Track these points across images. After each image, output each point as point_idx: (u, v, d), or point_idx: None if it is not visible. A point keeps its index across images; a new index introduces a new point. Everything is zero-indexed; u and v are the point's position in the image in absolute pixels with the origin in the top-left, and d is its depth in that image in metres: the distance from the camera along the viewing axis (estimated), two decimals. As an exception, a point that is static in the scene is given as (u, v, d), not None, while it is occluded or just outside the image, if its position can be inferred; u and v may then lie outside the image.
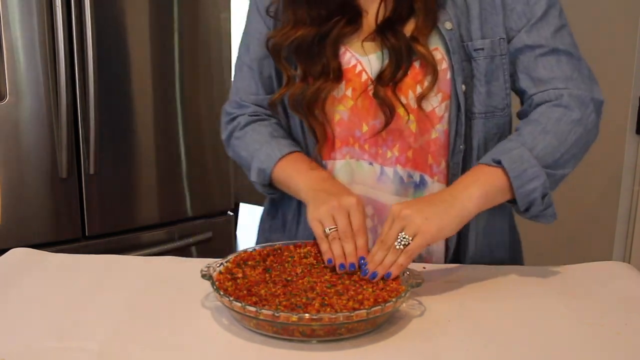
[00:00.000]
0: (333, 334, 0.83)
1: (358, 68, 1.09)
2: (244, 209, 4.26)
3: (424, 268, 1.07)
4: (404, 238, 0.93)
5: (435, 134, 1.09)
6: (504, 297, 0.99)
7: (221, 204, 2.26)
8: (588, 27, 1.85)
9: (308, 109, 1.10)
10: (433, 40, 1.07)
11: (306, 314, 0.81)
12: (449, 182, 1.10)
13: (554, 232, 1.06)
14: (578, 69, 1.07)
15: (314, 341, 0.83)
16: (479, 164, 1.03)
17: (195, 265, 0.98)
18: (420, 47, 1.05)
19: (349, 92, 1.10)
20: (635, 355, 0.83)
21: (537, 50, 1.06)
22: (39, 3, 1.77)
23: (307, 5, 1.09)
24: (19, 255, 1.14)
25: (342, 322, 0.81)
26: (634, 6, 2.21)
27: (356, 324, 0.83)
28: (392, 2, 1.08)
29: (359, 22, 1.11)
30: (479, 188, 0.98)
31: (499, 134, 1.11)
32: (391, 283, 0.93)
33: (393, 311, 0.87)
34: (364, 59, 1.09)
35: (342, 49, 1.10)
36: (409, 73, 1.06)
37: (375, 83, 1.07)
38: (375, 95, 1.07)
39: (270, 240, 1.13)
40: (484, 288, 1.01)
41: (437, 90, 1.07)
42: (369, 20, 1.10)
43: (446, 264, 1.14)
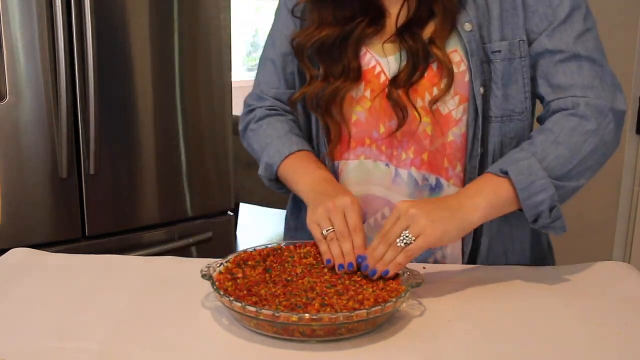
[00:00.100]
0: (333, 334, 0.83)
1: (377, 69, 1.09)
2: (244, 209, 4.26)
3: (424, 268, 1.07)
4: (407, 237, 0.93)
5: (452, 137, 1.08)
6: (504, 297, 0.99)
7: (221, 204, 2.26)
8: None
9: (326, 108, 1.11)
10: (452, 42, 1.05)
11: (306, 314, 0.81)
12: (465, 185, 1.08)
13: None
14: (600, 76, 1.03)
15: (314, 341, 0.83)
16: (487, 172, 1.02)
17: (195, 265, 0.98)
18: (436, 50, 1.04)
19: (367, 93, 1.10)
20: (635, 355, 0.83)
21: (557, 56, 1.04)
22: (39, 3, 1.76)
23: (333, 6, 1.09)
24: (19, 255, 1.14)
25: (342, 322, 0.81)
26: (634, 6, 2.21)
27: (356, 324, 0.83)
28: (414, 3, 1.07)
29: (381, 23, 1.10)
30: (484, 198, 0.97)
31: (517, 138, 1.08)
32: (391, 283, 0.93)
33: (393, 311, 0.87)
34: (383, 61, 1.09)
35: (363, 50, 1.10)
36: (426, 75, 1.06)
37: (389, 85, 1.07)
38: (389, 97, 1.06)
39: (296, 238, 1.12)
40: (484, 288, 1.01)
41: (454, 92, 1.06)
42: (392, 22, 1.10)
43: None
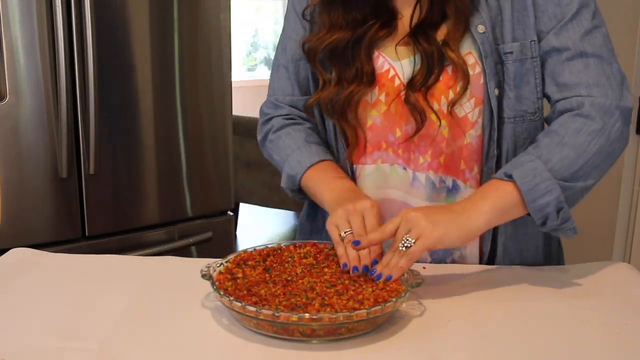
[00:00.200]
0: (333, 334, 0.83)
1: (391, 73, 1.09)
2: (244, 209, 4.27)
3: (424, 268, 1.07)
4: (407, 240, 0.93)
5: (468, 139, 1.08)
6: (504, 297, 0.99)
7: (221, 204, 2.26)
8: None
9: (341, 112, 1.10)
10: (466, 44, 1.05)
11: (306, 314, 0.81)
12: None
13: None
14: (607, 74, 1.02)
15: (314, 341, 0.83)
16: (492, 177, 1.01)
17: (195, 265, 0.98)
18: (451, 52, 1.04)
19: (382, 97, 1.09)
20: (635, 355, 0.82)
21: (564, 54, 1.03)
22: (39, 3, 1.77)
23: (343, 8, 1.09)
24: (19, 255, 1.14)
25: (342, 322, 0.81)
26: (634, 6, 2.21)
27: (356, 324, 0.83)
28: (427, 5, 1.06)
29: (393, 26, 1.10)
30: (488, 203, 0.96)
31: (530, 139, 1.07)
32: (391, 283, 0.93)
33: (393, 311, 0.87)
34: (396, 64, 1.08)
35: (375, 54, 1.10)
36: (441, 78, 1.05)
37: (406, 89, 1.06)
38: (407, 101, 1.06)
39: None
40: (484, 288, 1.01)
41: (470, 95, 1.06)
42: (404, 24, 1.09)
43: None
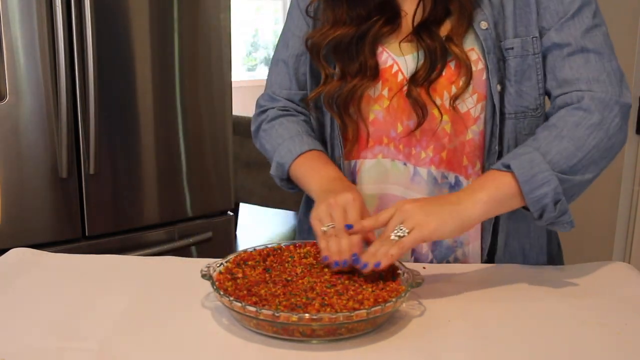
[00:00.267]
0: (333, 334, 0.83)
1: (394, 68, 1.09)
2: (244, 209, 4.27)
3: (424, 268, 1.07)
4: (401, 230, 0.93)
5: (470, 135, 1.09)
6: (504, 297, 0.99)
7: (221, 204, 2.26)
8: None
9: (344, 107, 1.11)
10: (469, 41, 1.06)
11: (306, 314, 0.81)
12: None
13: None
14: (607, 70, 1.03)
15: (314, 341, 0.83)
16: (490, 169, 1.01)
17: (195, 265, 0.98)
18: (454, 48, 1.04)
19: (385, 92, 1.10)
20: (635, 355, 0.82)
21: (565, 50, 1.04)
22: (39, 3, 1.77)
23: (347, 4, 1.09)
24: (19, 255, 1.14)
25: (342, 322, 0.81)
26: (634, 6, 2.21)
27: (356, 324, 0.83)
28: (430, 2, 1.07)
29: (397, 22, 1.10)
30: (485, 193, 0.96)
31: (532, 135, 1.07)
32: (391, 283, 0.93)
33: (393, 311, 0.87)
34: (400, 60, 1.09)
35: (379, 49, 1.10)
36: (444, 74, 1.06)
37: (409, 83, 1.07)
38: (409, 95, 1.06)
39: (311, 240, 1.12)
40: (484, 288, 1.01)
41: (472, 91, 1.06)
42: (408, 21, 1.10)
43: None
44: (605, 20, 1.06)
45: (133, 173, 2.03)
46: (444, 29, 1.07)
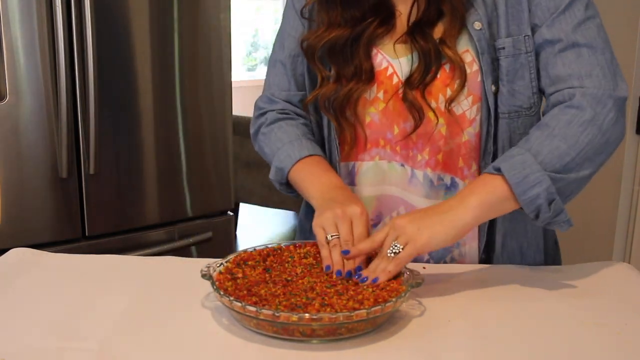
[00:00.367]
0: (333, 334, 0.83)
1: (389, 71, 1.09)
2: (244, 209, 4.27)
3: (424, 268, 1.07)
4: (395, 246, 0.93)
5: (466, 137, 1.08)
6: (504, 297, 0.99)
7: (221, 204, 2.26)
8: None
9: (340, 110, 1.10)
10: (463, 42, 1.05)
11: (306, 314, 0.81)
12: None
13: (554, 231, 1.05)
14: (600, 64, 1.01)
15: (314, 341, 0.83)
16: (482, 173, 1.01)
17: (195, 265, 0.98)
18: (448, 50, 1.04)
19: (380, 95, 1.10)
20: (635, 355, 0.82)
21: (556, 46, 1.03)
22: (39, 3, 1.77)
23: (341, 6, 1.09)
24: (19, 255, 1.14)
25: (342, 322, 0.81)
26: (634, 6, 2.21)
27: (356, 324, 0.83)
28: (424, 3, 1.07)
29: (392, 23, 1.10)
30: (476, 198, 0.96)
31: (526, 134, 1.06)
32: (391, 283, 0.92)
33: (393, 311, 0.87)
34: (395, 62, 1.09)
35: (374, 51, 1.10)
36: (439, 76, 1.06)
37: (404, 86, 1.06)
38: (405, 98, 1.06)
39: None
40: (484, 288, 1.01)
41: (467, 93, 1.06)
42: (402, 21, 1.09)
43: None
44: (605, 20, 1.06)
45: (133, 173, 2.03)
46: (438, 31, 1.06)
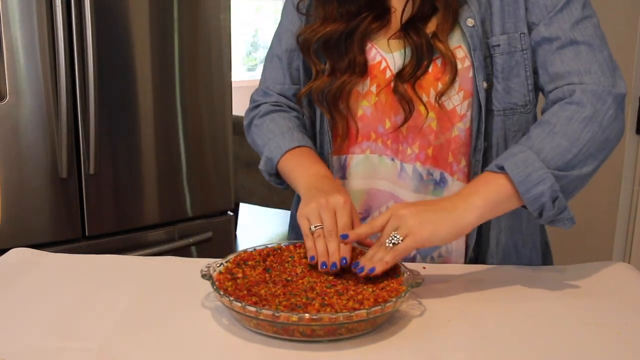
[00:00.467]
0: (333, 334, 0.83)
1: (383, 65, 1.10)
2: (244, 209, 4.27)
3: (424, 268, 1.07)
4: (395, 237, 0.93)
5: (456, 132, 1.09)
6: (504, 297, 0.99)
7: (221, 204, 2.26)
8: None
9: (333, 102, 1.12)
10: (456, 38, 1.06)
11: (306, 314, 0.81)
12: (470, 180, 1.09)
13: (554, 232, 1.06)
14: (599, 61, 1.01)
15: (314, 341, 0.83)
16: (485, 170, 1.01)
17: (195, 265, 0.98)
18: (439, 44, 1.05)
19: (373, 88, 1.11)
20: (635, 355, 0.82)
21: (554, 44, 1.03)
22: (39, 3, 1.77)
23: (337, 1, 1.11)
24: (19, 255, 1.14)
25: (342, 322, 0.81)
26: (634, 6, 2.21)
27: (356, 324, 0.83)
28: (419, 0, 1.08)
29: (386, 19, 1.11)
30: (480, 197, 0.95)
31: (521, 132, 1.08)
32: (391, 283, 0.93)
33: (393, 311, 0.87)
34: (388, 56, 1.10)
35: (368, 45, 1.11)
36: (430, 70, 1.06)
37: (395, 79, 1.07)
38: (395, 91, 1.07)
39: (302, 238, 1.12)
40: (484, 288, 1.01)
41: (458, 88, 1.06)
42: (397, 17, 1.10)
43: (466, 264, 1.13)
44: (605, 19, 1.06)
45: (133, 173, 2.03)
46: (431, 26, 1.07)
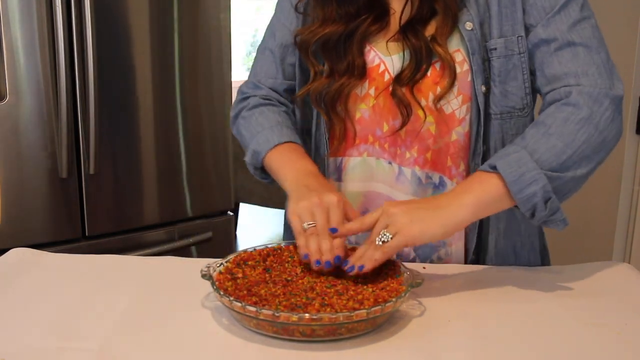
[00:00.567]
0: (333, 334, 0.83)
1: (381, 68, 1.09)
2: (244, 209, 4.27)
3: (424, 268, 1.07)
4: (384, 235, 0.92)
5: (455, 136, 1.08)
6: (504, 297, 0.99)
7: (221, 204, 2.26)
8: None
9: (331, 104, 1.11)
10: (455, 42, 1.06)
11: (306, 314, 0.81)
12: None
13: (554, 232, 1.05)
14: (596, 63, 1.01)
15: (314, 341, 0.83)
16: (478, 169, 1.00)
17: (195, 265, 0.98)
18: (438, 48, 1.04)
19: (371, 91, 1.10)
20: (635, 355, 0.82)
21: (552, 45, 1.02)
22: (39, 3, 1.77)
23: (337, 3, 1.10)
24: (19, 255, 1.14)
25: (342, 322, 0.81)
26: (634, 6, 2.21)
27: (356, 324, 0.83)
28: (418, 1, 1.07)
29: (386, 21, 1.11)
30: (471, 196, 0.95)
31: (518, 135, 1.06)
32: (391, 283, 0.93)
33: (393, 311, 0.87)
34: (387, 59, 1.09)
35: (367, 48, 1.11)
36: (429, 74, 1.06)
37: (394, 82, 1.07)
38: (394, 94, 1.07)
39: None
40: (484, 288, 1.01)
41: (457, 92, 1.06)
42: (396, 20, 1.10)
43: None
44: (605, 19, 1.06)
45: (133, 173, 2.03)
46: (430, 29, 1.07)
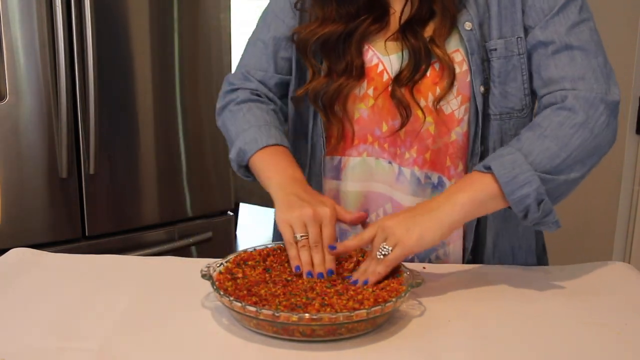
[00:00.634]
0: (333, 334, 0.83)
1: (380, 67, 1.09)
2: (244, 209, 4.26)
3: (424, 268, 1.07)
4: (384, 248, 0.93)
5: (454, 136, 1.08)
6: (504, 296, 0.99)
7: (221, 204, 2.26)
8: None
9: (329, 104, 1.11)
10: (454, 42, 1.06)
11: (306, 314, 0.81)
12: None
13: (554, 232, 1.06)
14: (593, 67, 1.01)
15: (314, 341, 0.83)
16: (472, 170, 1.00)
17: (195, 265, 0.98)
18: (437, 49, 1.04)
19: (370, 91, 1.10)
20: (635, 355, 0.83)
21: (550, 48, 1.02)
22: (39, 3, 1.77)
23: (336, 2, 1.09)
24: (19, 255, 1.14)
25: (342, 322, 0.81)
26: (634, 6, 2.21)
27: (356, 324, 0.83)
28: (417, 1, 1.07)
29: (385, 21, 1.11)
30: (464, 195, 0.95)
31: (518, 135, 1.06)
32: (391, 283, 0.93)
33: (393, 311, 0.87)
34: (385, 59, 1.09)
35: (365, 47, 1.10)
36: (428, 75, 1.06)
37: (393, 83, 1.07)
38: (393, 95, 1.06)
39: None
40: (484, 288, 1.01)
41: (456, 93, 1.06)
42: (395, 20, 1.10)
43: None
44: (605, 19, 1.06)
45: (133, 173, 2.03)
46: (429, 30, 1.07)
